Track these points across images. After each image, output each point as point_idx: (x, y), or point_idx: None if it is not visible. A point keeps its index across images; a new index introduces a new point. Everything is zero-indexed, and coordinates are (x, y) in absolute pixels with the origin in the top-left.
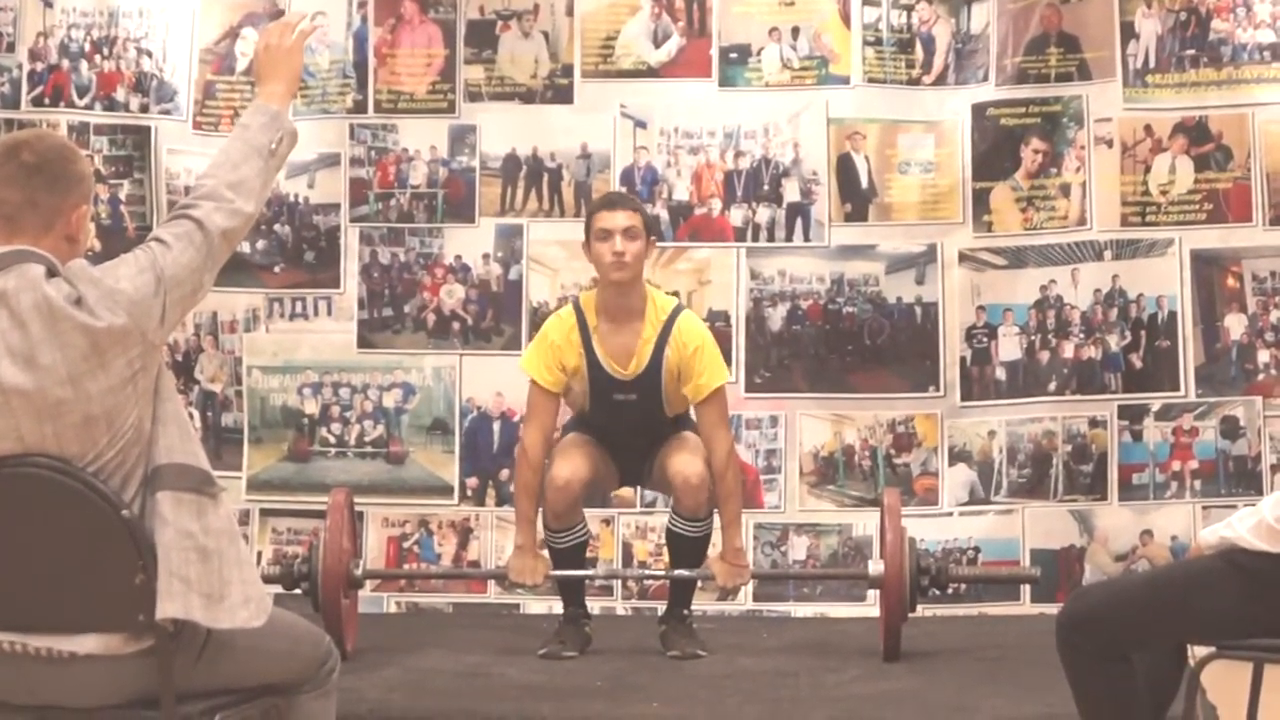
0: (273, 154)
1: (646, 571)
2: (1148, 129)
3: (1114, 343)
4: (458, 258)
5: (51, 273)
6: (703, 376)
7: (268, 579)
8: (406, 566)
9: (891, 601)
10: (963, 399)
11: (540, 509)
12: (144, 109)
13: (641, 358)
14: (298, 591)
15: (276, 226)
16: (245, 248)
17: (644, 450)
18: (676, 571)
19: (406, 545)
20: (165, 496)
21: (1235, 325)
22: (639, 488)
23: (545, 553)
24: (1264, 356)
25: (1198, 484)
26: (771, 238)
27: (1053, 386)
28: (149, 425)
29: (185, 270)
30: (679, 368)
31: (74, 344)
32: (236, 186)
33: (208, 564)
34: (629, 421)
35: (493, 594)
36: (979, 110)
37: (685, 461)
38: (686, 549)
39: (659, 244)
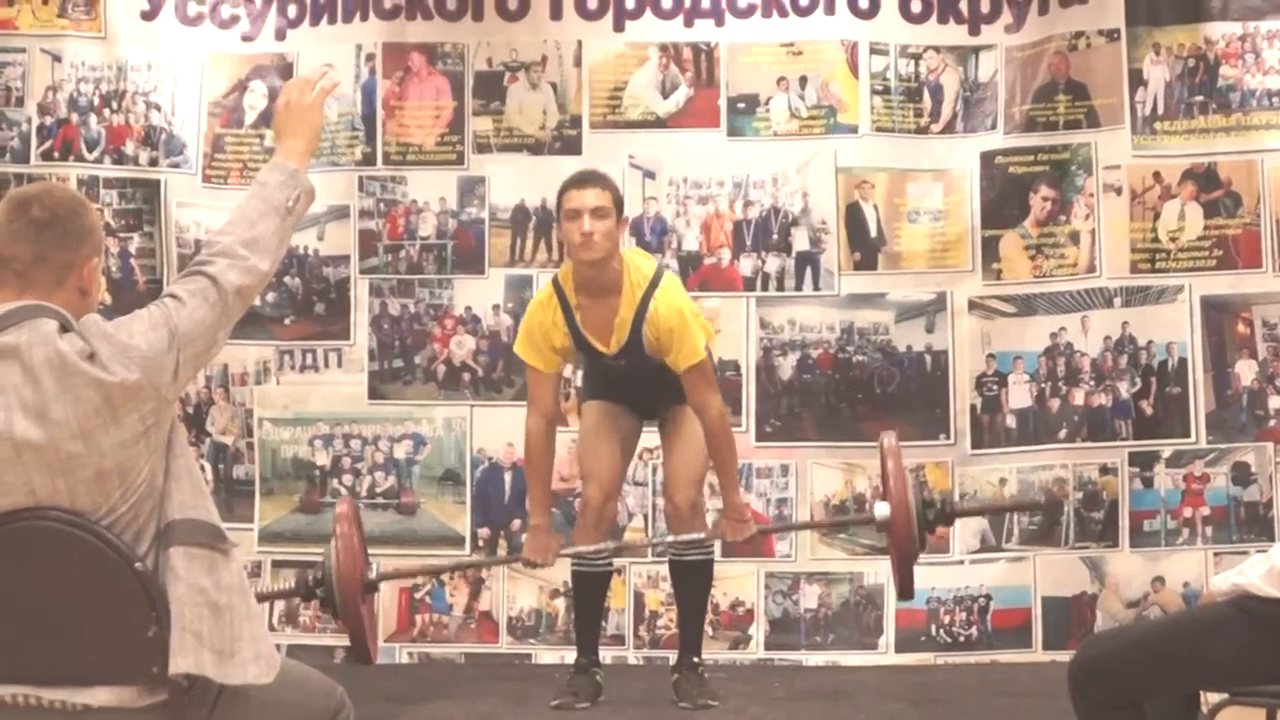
0: (290, 212)
1: (657, 539)
2: (1157, 176)
3: (1124, 390)
4: (467, 309)
5: (65, 328)
6: (679, 355)
7: (288, 594)
8: (418, 617)
9: (900, 540)
10: (973, 447)
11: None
12: (153, 162)
13: (620, 335)
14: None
15: (287, 279)
16: (256, 300)
17: (654, 390)
18: (685, 536)
19: (418, 596)
20: (178, 552)
21: (1246, 371)
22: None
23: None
24: (1275, 402)
25: (1209, 530)
26: (781, 287)
27: (1063, 434)
28: (161, 480)
29: (199, 327)
30: (659, 342)
31: (86, 399)
32: (252, 244)
33: (219, 619)
34: (628, 377)
35: (504, 644)
36: (988, 158)
37: (678, 485)
38: (690, 577)
39: None
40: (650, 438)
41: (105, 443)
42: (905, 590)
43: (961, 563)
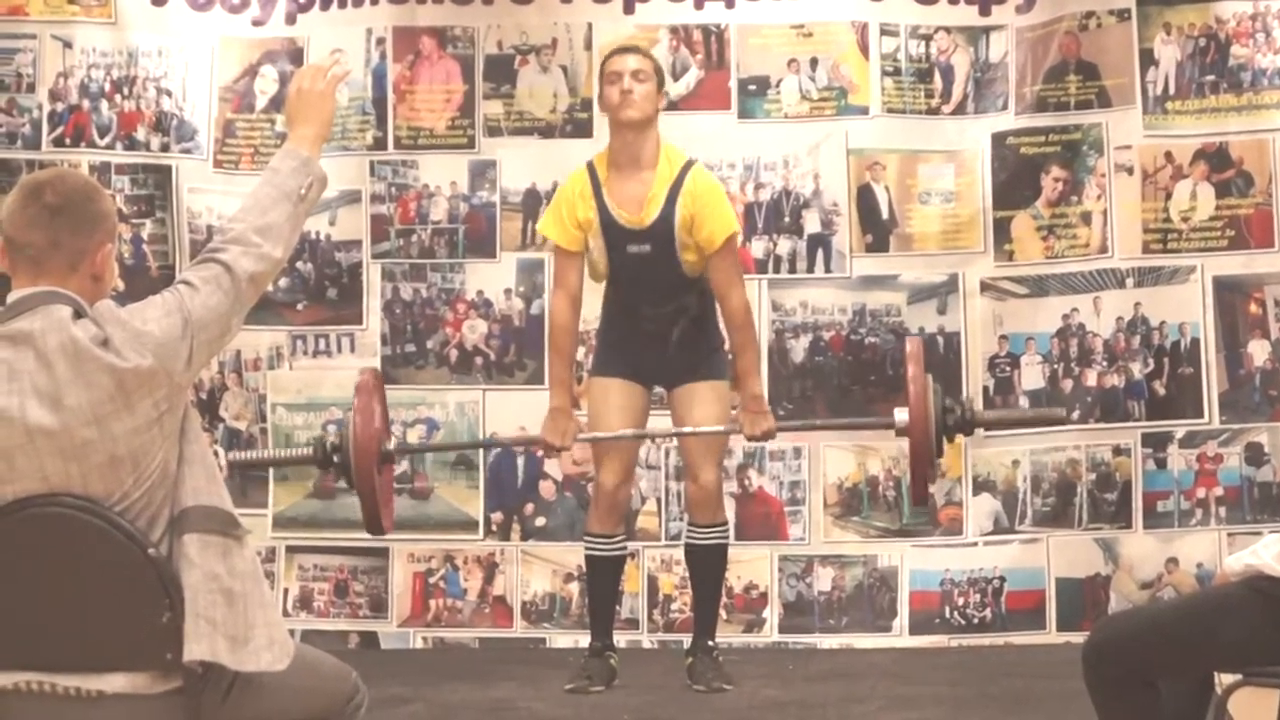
0: (302, 199)
1: (671, 430)
2: (1168, 155)
3: (1137, 370)
4: (479, 293)
5: (78, 314)
6: (714, 226)
7: (302, 460)
8: (432, 602)
9: (918, 446)
10: (986, 429)
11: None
12: (164, 148)
13: (653, 208)
14: (331, 470)
15: (299, 264)
16: (268, 286)
17: (668, 323)
18: (705, 428)
19: (432, 581)
20: (191, 539)
21: (1258, 351)
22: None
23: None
24: None
25: (1222, 511)
26: (793, 269)
27: (1076, 415)
28: (175, 466)
29: (212, 314)
30: (692, 219)
31: (100, 385)
32: (265, 231)
33: (233, 606)
34: (648, 277)
35: (519, 629)
36: (999, 139)
37: (698, 469)
38: (706, 560)
39: None
40: (665, 419)
41: (118, 429)
42: (920, 496)
43: (975, 545)
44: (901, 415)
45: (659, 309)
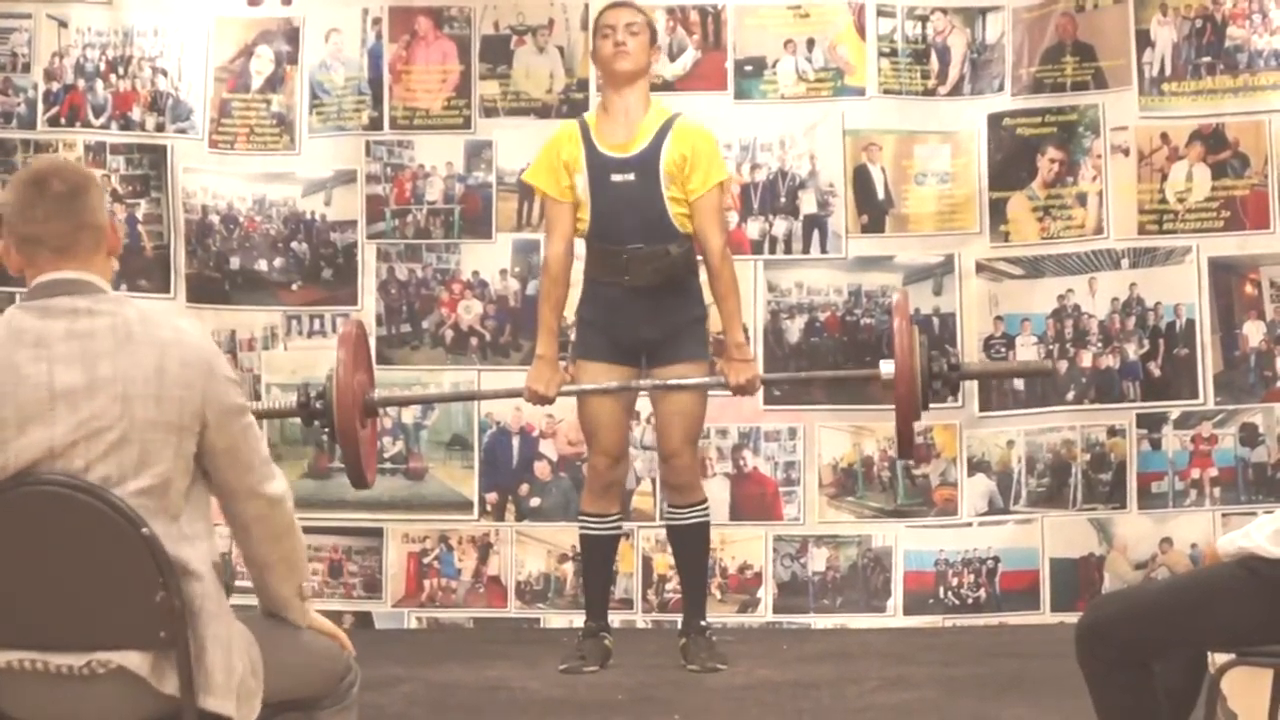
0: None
1: (659, 383)
2: (1164, 137)
3: (1132, 351)
4: (475, 273)
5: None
6: (709, 171)
7: (286, 412)
8: (426, 582)
9: (904, 398)
10: (981, 409)
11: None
12: (160, 128)
13: (641, 137)
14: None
15: (294, 244)
16: (263, 266)
17: (650, 295)
18: (687, 381)
19: (427, 561)
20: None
21: (1254, 332)
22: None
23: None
24: None
25: (1217, 492)
26: (789, 250)
27: (1071, 396)
28: (176, 496)
29: (255, 436)
30: (683, 160)
31: (141, 363)
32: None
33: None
34: (632, 218)
35: (513, 609)
36: (995, 120)
37: (675, 448)
38: (688, 539)
39: None
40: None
41: (140, 413)
42: (905, 449)
43: (969, 525)
44: (888, 367)
45: (642, 254)
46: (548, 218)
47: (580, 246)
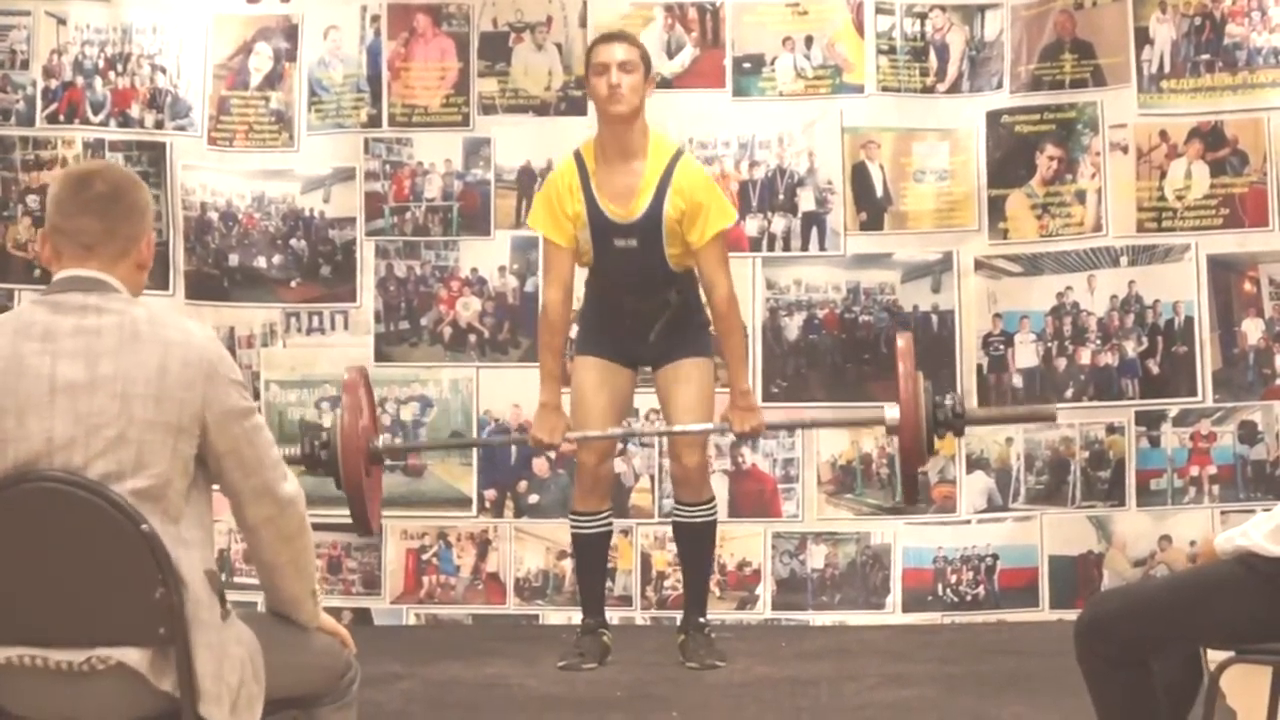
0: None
1: (661, 429)
2: (1163, 134)
3: (1131, 349)
4: (473, 270)
5: (135, 303)
6: (708, 222)
7: (290, 460)
8: (425, 579)
9: (908, 444)
10: (980, 406)
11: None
12: (159, 125)
13: (641, 201)
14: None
15: (293, 241)
16: (262, 263)
17: (651, 315)
18: (694, 426)
19: (425, 557)
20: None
21: (1252, 330)
22: (657, 476)
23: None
24: None
25: (1216, 489)
26: (787, 247)
27: (1070, 393)
28: (175, 497)
29: (263, 439)
30: (681, 215)
31: (143, 362)
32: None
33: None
34: (633, 270)
35: (512, 605)
36: (994, 117)
37: (683, 449)
38: (694, 537)
39: None
40: (650, 399)
41: (139, 413)
42: (909, 494)
43: (968, 522)
44: (892, 412)
45: (642, 303)
46: (546, 260)
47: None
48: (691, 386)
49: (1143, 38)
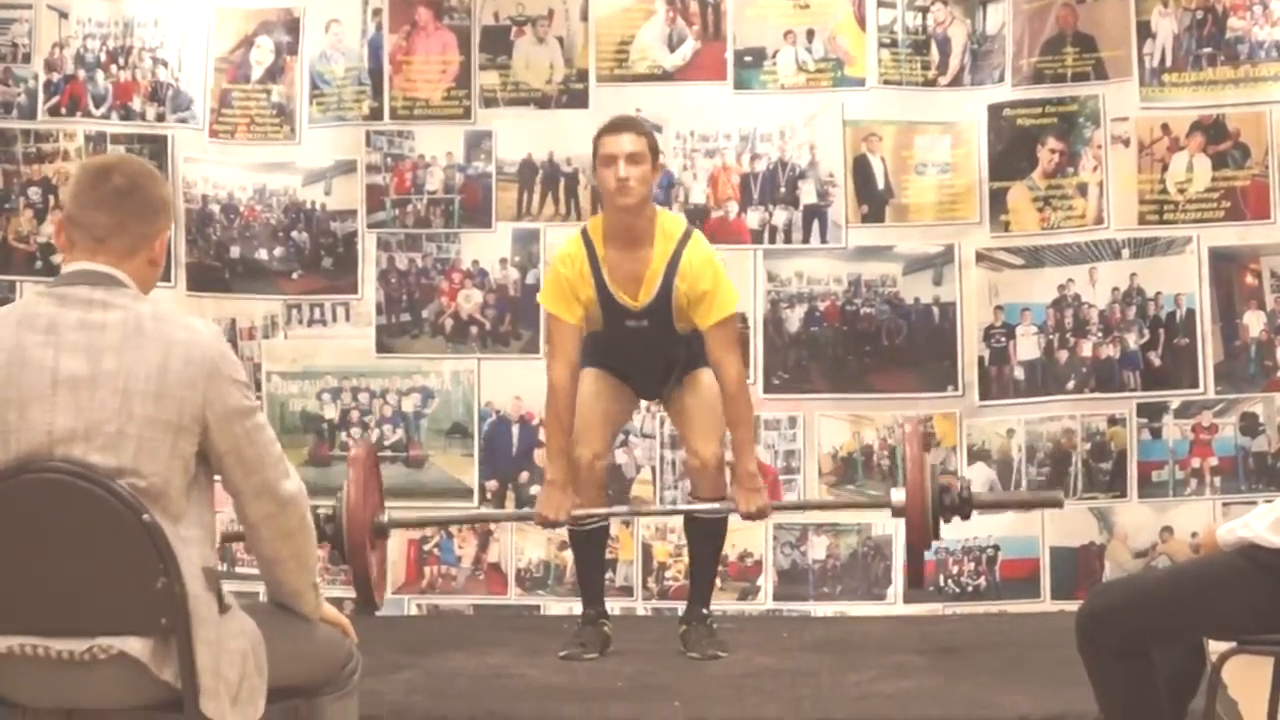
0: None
1: (667, 508)
2: (1165, 128)
3: (1132, 341)
4: (475, 263)
5: (142, 299)
6: (712, 308)
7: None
8: (427, 569)
9: (914, 528)
10: (981, 398)
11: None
12: (160, 118)
13: (650, 288)
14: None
15: (294, 233)
16: (264, 255)
17: (660, 374)
18: (698, 505)
19: (426, 548)
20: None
21: (1254, 322)
22: (658, 469)
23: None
24: None
25: (1217, 481)
26: (788, 240)
27: (1071, 385)
28: (175, 495)
29: (265, 438)
30: (688, 297)
31: (146, 359)
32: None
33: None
34: (644, 346)
35: (513, 596)
36: (995, 111)
37: (700, 445)
38: (704, 532)
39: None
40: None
41: (139, 410)
42: (915, 578)
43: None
44: (898, 496)
45: (650, 366)
46: (553, 336)
47: None
48: (702, 393)
49: (1144, 31)
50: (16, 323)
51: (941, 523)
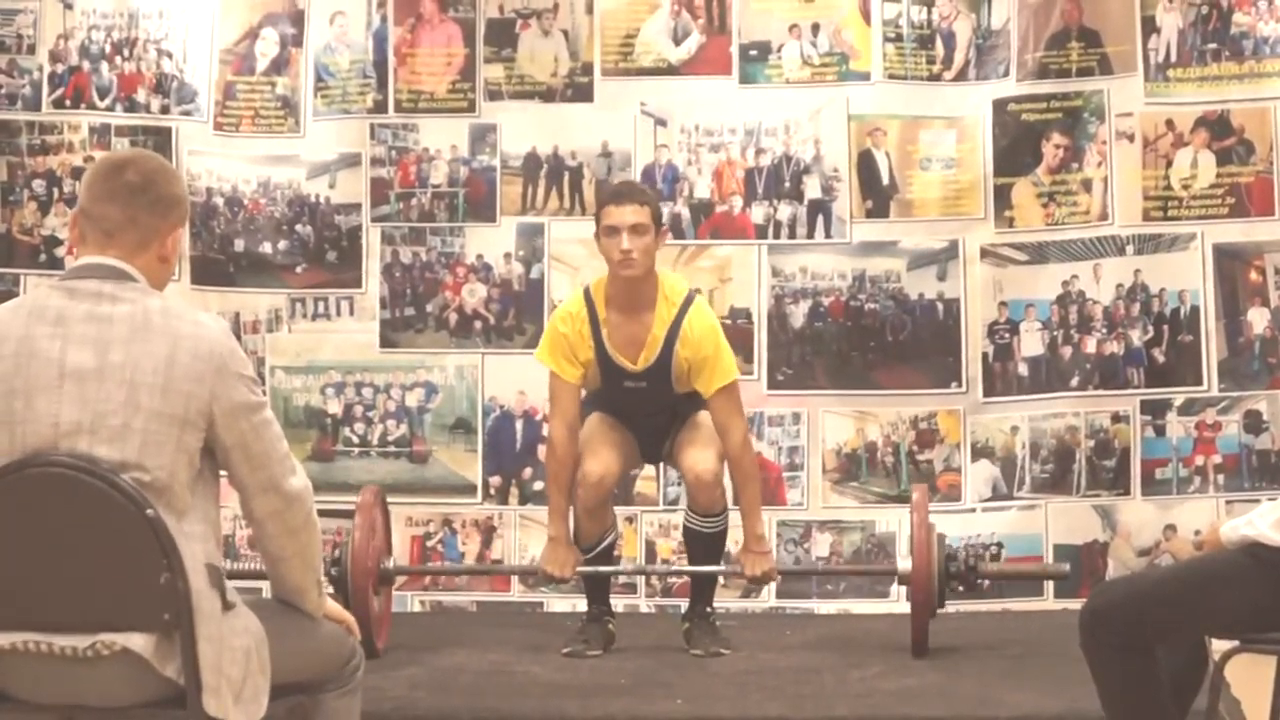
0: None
1: (672, 568)
2: (1169, 123)
3: (1136, 338)
4: (479, 257)
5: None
6: (713, 377)
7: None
8: (430, 564)
9: (920, 598)
10: (985, 395)
11: (571, 505)
12: (165, 110)
13: (651, 352)
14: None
15: (298, 226)
16: (268, 248)
17: (661, 428)
18: (702, 567)
19: (430, 544)
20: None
21: (1258, 319)
22: (661, 465)
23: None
24: None
25: (1221, 478)
26: (793, 235)
27: (1075, 382)
28: (180, 490)
29: (271, 434)
30: (689, 364)
31: (152, 352)
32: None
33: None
34: (643, 403)
35: (516, 592)
36: (1000, 105)
37: (698, 457)
38: (703, 545)
39: (680, 242)
40: None
41: (146, 402)
42: (919, 648)
43: (973, 511)
44: (905, 564)
45: (648, 424)
46: (554, 394)
47: None
48: (699, 419)
49: (1149, 26)
50: (27, 314)
51: (947, 592)
